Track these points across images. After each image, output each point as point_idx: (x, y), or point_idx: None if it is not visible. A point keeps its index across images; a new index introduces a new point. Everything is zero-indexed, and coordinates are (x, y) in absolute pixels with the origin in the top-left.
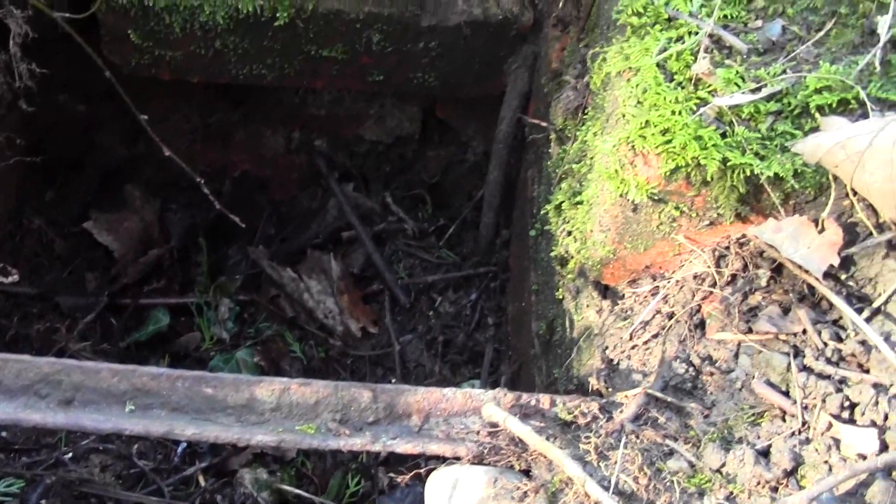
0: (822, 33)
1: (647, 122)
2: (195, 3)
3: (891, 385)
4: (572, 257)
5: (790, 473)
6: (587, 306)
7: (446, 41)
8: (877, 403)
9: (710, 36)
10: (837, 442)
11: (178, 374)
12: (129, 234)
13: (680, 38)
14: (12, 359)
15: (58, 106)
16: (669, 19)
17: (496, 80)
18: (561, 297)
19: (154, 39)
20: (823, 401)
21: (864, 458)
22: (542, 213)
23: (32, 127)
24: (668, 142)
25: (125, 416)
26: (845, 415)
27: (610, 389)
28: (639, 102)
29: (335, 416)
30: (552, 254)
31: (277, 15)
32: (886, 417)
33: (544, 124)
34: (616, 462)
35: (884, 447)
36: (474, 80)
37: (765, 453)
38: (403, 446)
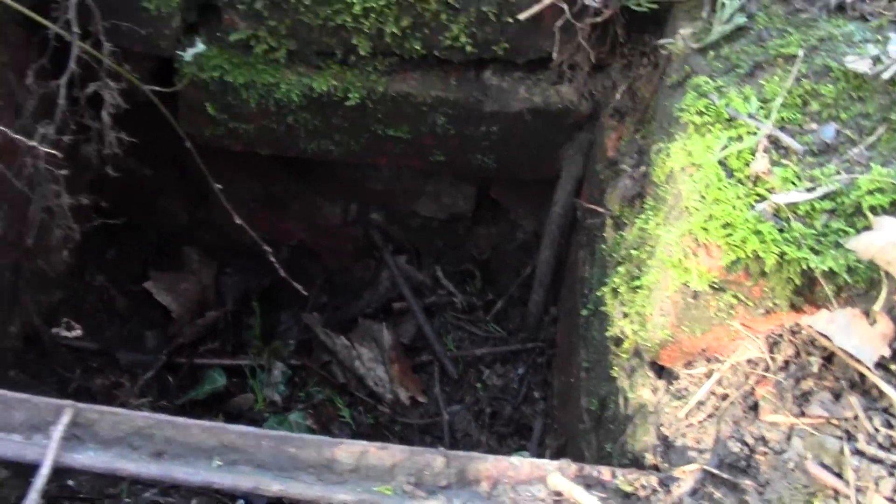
0: (873, 137)
1: (710, 215)
2: (272, 81)
3: None
4: (628, 338)
5: None
6: (642, 385)
7: (506, 126)
8: None
9: (768, 137)
10: None
11: (264, 433)
12: (187, 296)
13: (739, 138)
14: (108, 411)
15: (127, 170)
16: (730, 119)
17: (551, 164)
18: (615, 375)
19: (230, 113)
20: (876, 483)
21: None
22: (595, 294)
23: (102, 189)
24: (730, 235)
25: (213, 471)
26: None
27: (666, 465)
28: (702, 197)
29: (410, 479)
30: (607, 334)
31: (350, 95)
32: None
33: (600, 209)
34: None
35: None
36: (530, 164)
37: None
38: None
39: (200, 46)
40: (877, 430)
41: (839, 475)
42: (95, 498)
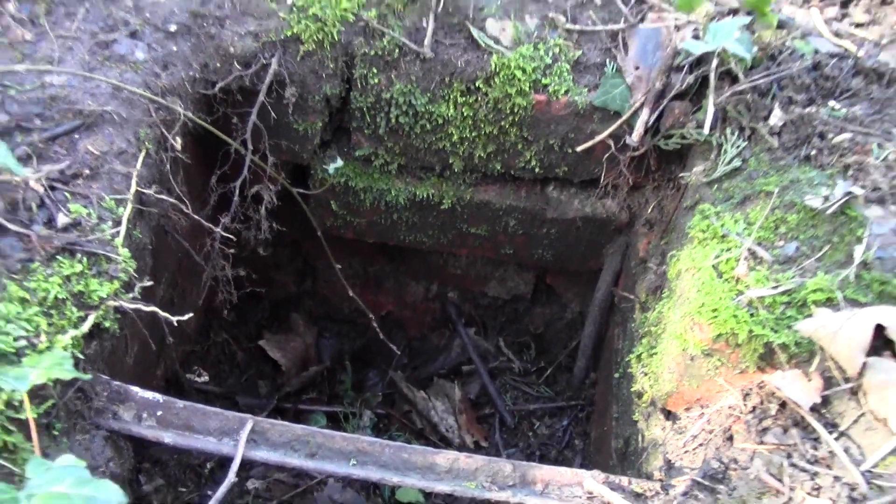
0: (821, 253)
1: (703, 303)
2: (385, 187)
3: (843, 478)
4: (646, 391)
5: None
6: (655, 425)
7: (562, 229)
8: (833, 487)
9: (749, 249)
10: None
11: (387, 443)
12: (294, 353)
13: (729, 250)
14: (277, 423)
15: (244, 242)
16: (723, 236)
17: (595, 259)
18: (636, 419)
19: (348, 209)
20: (802, 484)
21: None
22: (625, 360)
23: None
24: (716, 317)
25: (351, 468)
26: (814, 493)
27: (667, 478)
28: (699, 290)
29: (487, 479)
30: (632, 389)
31: (443, 200)
32: (840, 495)
33: (631, 297)
34: None
35: None
36: (579, 258)
37: None
38: (532, 500)
39: (340, 162)
40: (807, 451)
41: (780, 480)
42: None
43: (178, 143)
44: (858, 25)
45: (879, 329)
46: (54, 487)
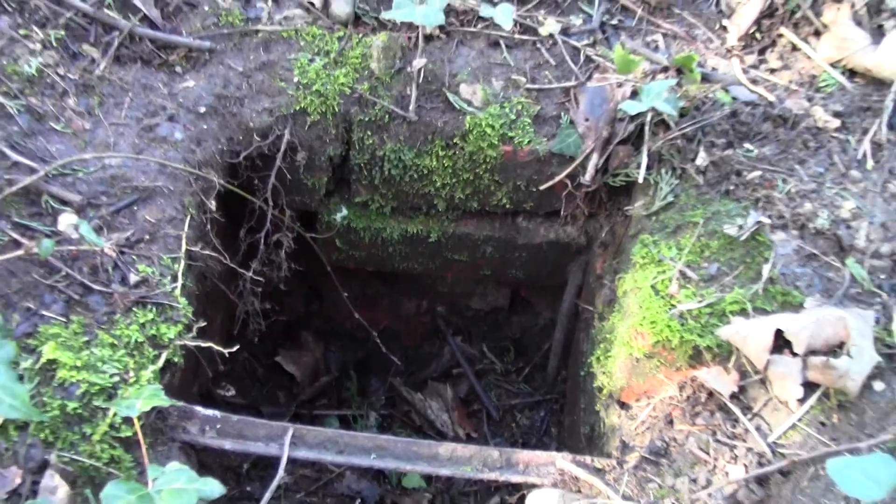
0: (736, 272)
1: (644, 316)
2: (381, 226)
3: (754, 448)
4: (605, 387)
5: (705, 487)
6: (613, 414)
7: (532, 252)
8: (747, 456)
9: (680, 271)
10: (727, 473)
11: (398, 439)
12: (306, 366)
13: (664, 272)
14: (312, 429)
15: (268, 279)
16: (659, 261)
17: (561, 275)
18: (598, 409)
19: (350, 245)
20: (723, 455)
21: (738, 478)
22: (588, 361)
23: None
24: (654, 326)
25: (372, 460)
26: (732, 461)
27: (622, 456)
28: (640, 306)
29: (480, 463)
30: (594, 385)
31: (430, 234)
32: (751, 462)
33: (591, 308)
34: (623, 485)
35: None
36: (547, 275)
37: (694, 480)
38: (515, 478)
39: (345, 211)
40: (728, 429)
41: (707, 453)
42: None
43: (213, 205)
44: (773, 71)
45: (780, 332)
46: (173, 485)
